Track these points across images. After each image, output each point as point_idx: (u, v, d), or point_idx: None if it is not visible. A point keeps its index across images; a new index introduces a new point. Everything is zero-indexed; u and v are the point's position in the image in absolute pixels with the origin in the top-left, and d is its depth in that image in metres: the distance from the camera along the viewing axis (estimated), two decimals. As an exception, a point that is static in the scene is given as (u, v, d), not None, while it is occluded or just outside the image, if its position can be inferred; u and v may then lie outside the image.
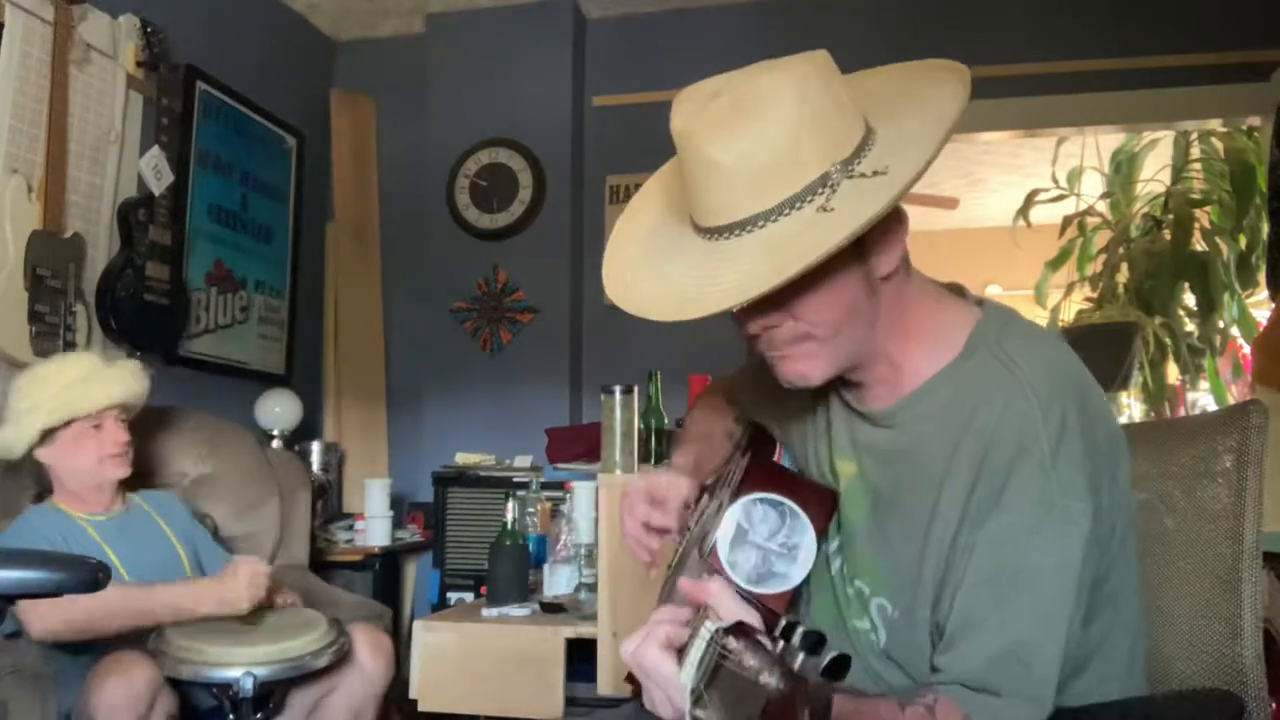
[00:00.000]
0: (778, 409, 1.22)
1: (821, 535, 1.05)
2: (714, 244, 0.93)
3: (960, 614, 0.93)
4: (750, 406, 1.32)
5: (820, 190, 0.89)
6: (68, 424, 2.04)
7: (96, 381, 2.09)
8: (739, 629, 0.68)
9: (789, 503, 1.03)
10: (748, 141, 0.89)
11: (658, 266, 1.00)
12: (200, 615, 1.90)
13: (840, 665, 0.64)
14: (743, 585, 0.96)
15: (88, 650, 1.91)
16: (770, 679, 0.63)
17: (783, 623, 0.66)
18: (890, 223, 0.94)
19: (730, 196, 0.91)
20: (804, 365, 0.98)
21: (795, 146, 0.89)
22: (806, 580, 1.04)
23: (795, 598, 1.04)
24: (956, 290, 1.07)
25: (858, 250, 0.91)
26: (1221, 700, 1.13)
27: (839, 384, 1.07)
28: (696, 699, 0.70)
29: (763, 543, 1.01)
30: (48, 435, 2.04)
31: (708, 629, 0.72)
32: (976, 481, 0.94)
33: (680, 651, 0.76)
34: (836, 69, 0.96)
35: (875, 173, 0.89)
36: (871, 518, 1.04)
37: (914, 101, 0.97)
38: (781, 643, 0.65)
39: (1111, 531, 0.98)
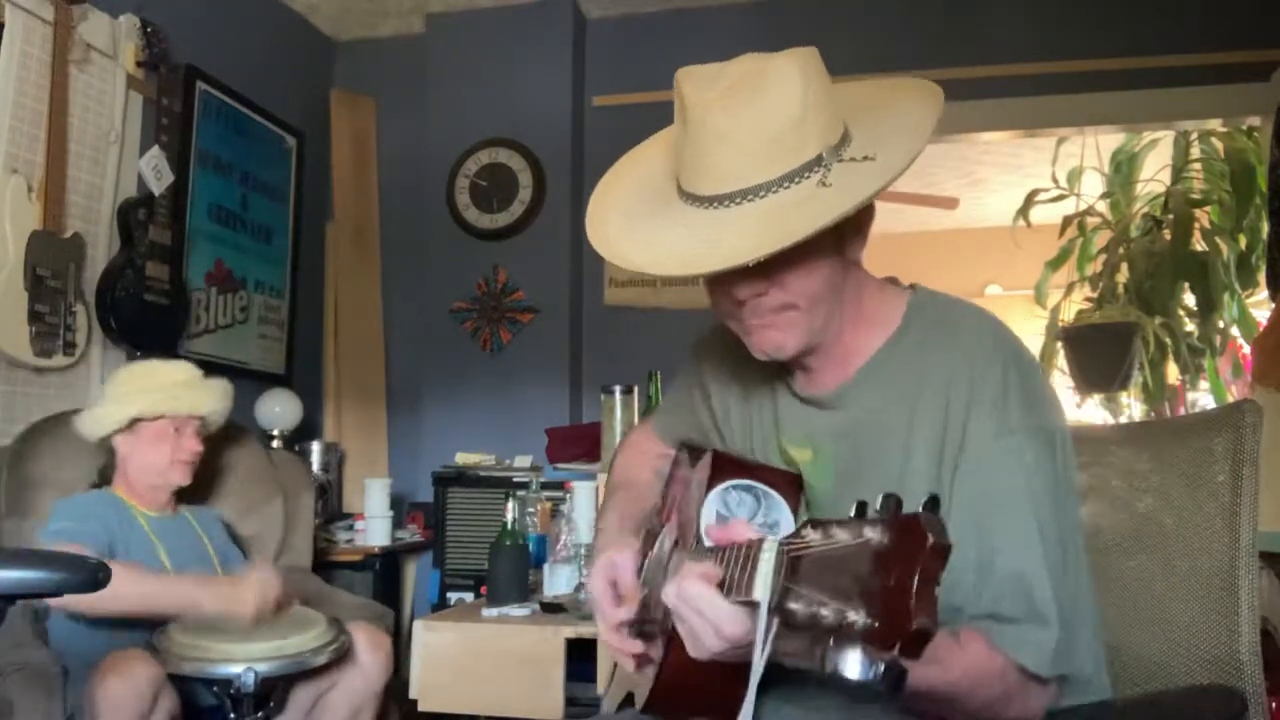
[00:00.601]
0: (714, 418, 1.27)
1: (795, 513, 1.09)
2: (710, 211, 0.97)
3: (956, 558, 0.95)
4: (679, 427, 1.35)
5: (815, 169, 0.95)
6: (157, 419, 2.13)
7: (198, 390, 2.22)
8: (812, 524, 0.70)
9: (760, 485, 1.07)
10: (759, 113, 0.94)
11: (646, 228, 1.04)
12: (205, 613, 1.92)
13: (935, 500, 0.66)
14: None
15: (103, 641, 1.92)
16: (873, 534, 0.64)
17: (852, 509, 0.68)
18: (864, 212, 1.01)
19: (736, 165, 0.95)
20: (781, 335, 1.03)
21: (800, 123, 0.94)
22: None
23: None
24: (892, 280, 1.15)
25: (837, 232, 0.97)
26: (1226, 696, 1.14)
27: (785, 374, 1.14)
28: (778, 607, 0.71)
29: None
30: (134, 424, 2.13)
31: (770, 543, 0.74)
32: (944, 434, 1.01)
33: (721, 586, 0.79)
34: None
35: (865, 158, 0.95)
36: (838, 495, 1.08)
37: (886, 112, 1.03)
38: (855, 518, 0.67)
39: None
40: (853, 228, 1.02)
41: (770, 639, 0.73)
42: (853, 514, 0.68)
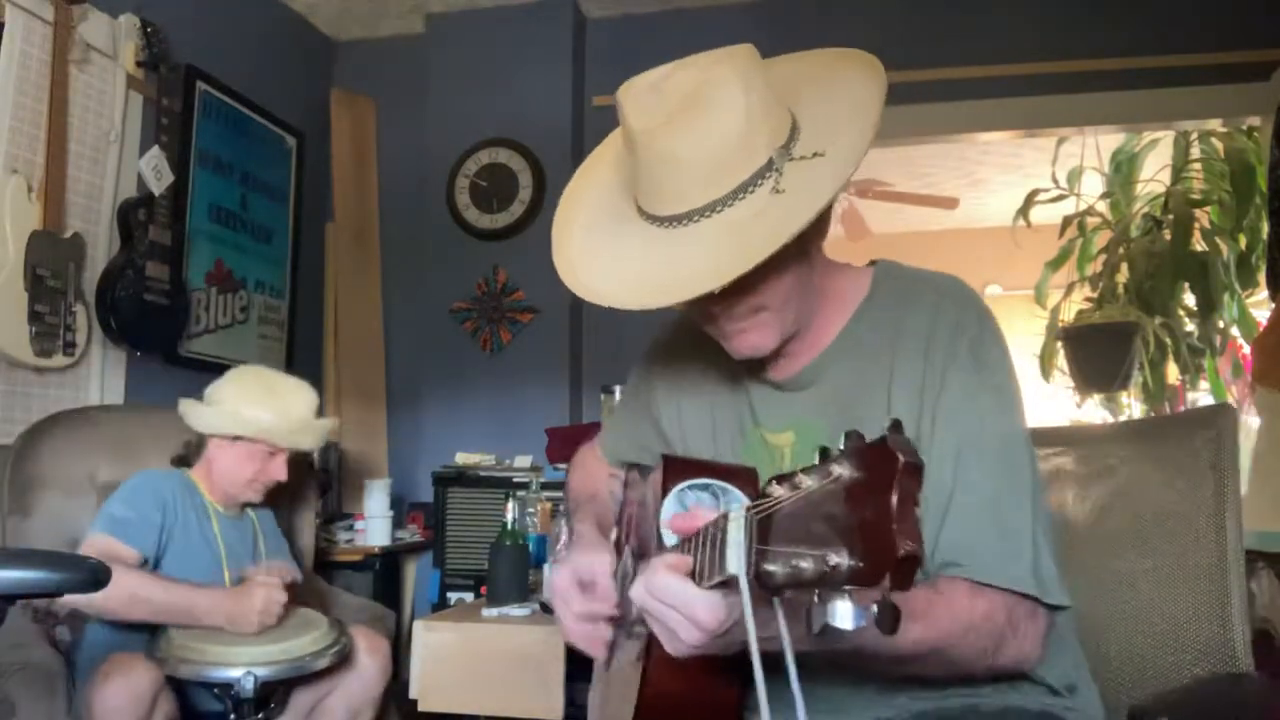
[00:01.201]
0: (665, 427, 1.26)
1: None
2: (669, 231, 0.97)
3: (933, 493, 0.98)
4: (622, 447, 1.36)
5: (767, 174, 0.94)
6: (259, 441, 2.14)
7: (311, 429, 2.22)
8: (776, 480, 0.67)
9: (716, 482, 1.06)
10: (703, 134, 0.93)
11: (609, 251, 1.04)
12: (208, 625, 1.91)
13: (898, 424, 0.63)
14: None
15: (106, 644, 1.92)
16: (842, 470, 0.61)
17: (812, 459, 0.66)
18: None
19: (688, 186, 0.95)
20: (757, 336, 1.04)
21: (746, 134, 0.94)
22: None
23: None
24: (831, 260, 1.16)
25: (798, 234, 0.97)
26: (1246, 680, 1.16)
27: (755, 367, 1.14)
28: (756, 575, 0.67)
29: None
30: (238, 437, 2.14)
31: (736, 513, 0.71)
32: (923, 381, 1.02)
33: (692, 576, 0.77)
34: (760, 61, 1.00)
35: (815, 154, 0.94)
36: None
37: (830, 92, 1.01)
38: (820, 462, 0.64)
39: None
40: (812, 226, 1.01)
41: (761, 613, 0.70)
42: (816, 461, 0.65)
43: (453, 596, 3.21)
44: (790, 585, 0.64)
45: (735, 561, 0.70)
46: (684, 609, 0.77)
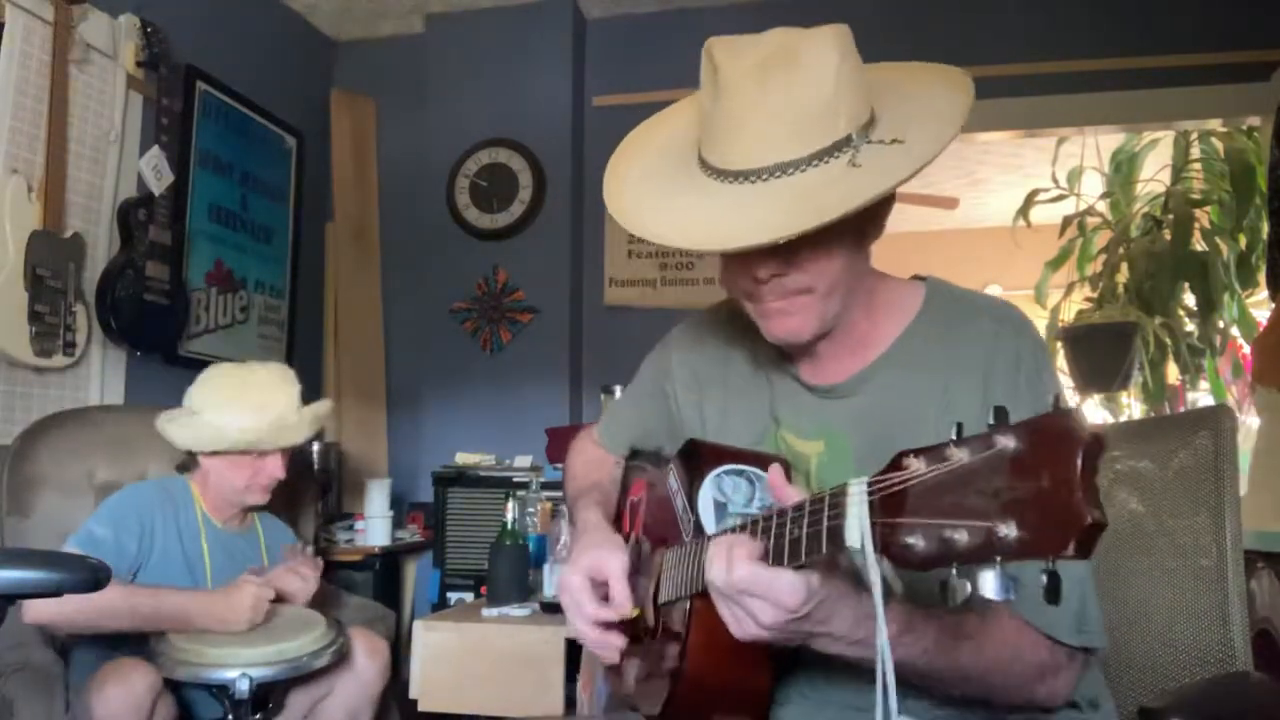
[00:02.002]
0: (681, 417, 1.23)
1: None
2: (736, 186, 0.95)
3: None
4: (627, 433, 1.33)
5: (844, 148, 0.93)
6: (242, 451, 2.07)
7: (297, 424, 2.11)
8: (909, 454, 0.66)
9: (750, 469, 1.05)
10: (794, 88, 0.92)
11: (665, 198, 1.02)
12: (197, 628, 1.90)
13: (1004, 411, 0.62)
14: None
15: (103, 645, 1.92)
16: (1009, 441, 0.60)
17: (953, 431, 0.65)
18: (884, 203, 0.99)
19: (768, 139, 0.93)
20: (798, 320, 1.01)
21: (835, 100, 0.93)
22: None
23: None
24: (882, 272, 1.13)
25: (859, 220, 0.95)
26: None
27: (785, 365, 1.11)
28: (883, 549, 0.67)
29: (743, 509, 1.02)
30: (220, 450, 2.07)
31: (856, 486, 0.70)
32: (984, 406, 0.98)
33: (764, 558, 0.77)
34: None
35: (894, 141, 0.93)
36: None
37: (914, 97, 1.00)
38: (971, 437, 0.63)
39: None
40: (872, 216, 1.00)
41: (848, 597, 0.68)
42: (954, 436, 0.64)
43: (453, 596, 3.21)
44: (935, 560, 0.63)
45: (855, 535, 0.69)
46: (767, 593, 0.78)
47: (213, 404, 2.08)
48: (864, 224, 0.99)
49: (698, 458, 1.07)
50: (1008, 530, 0.59)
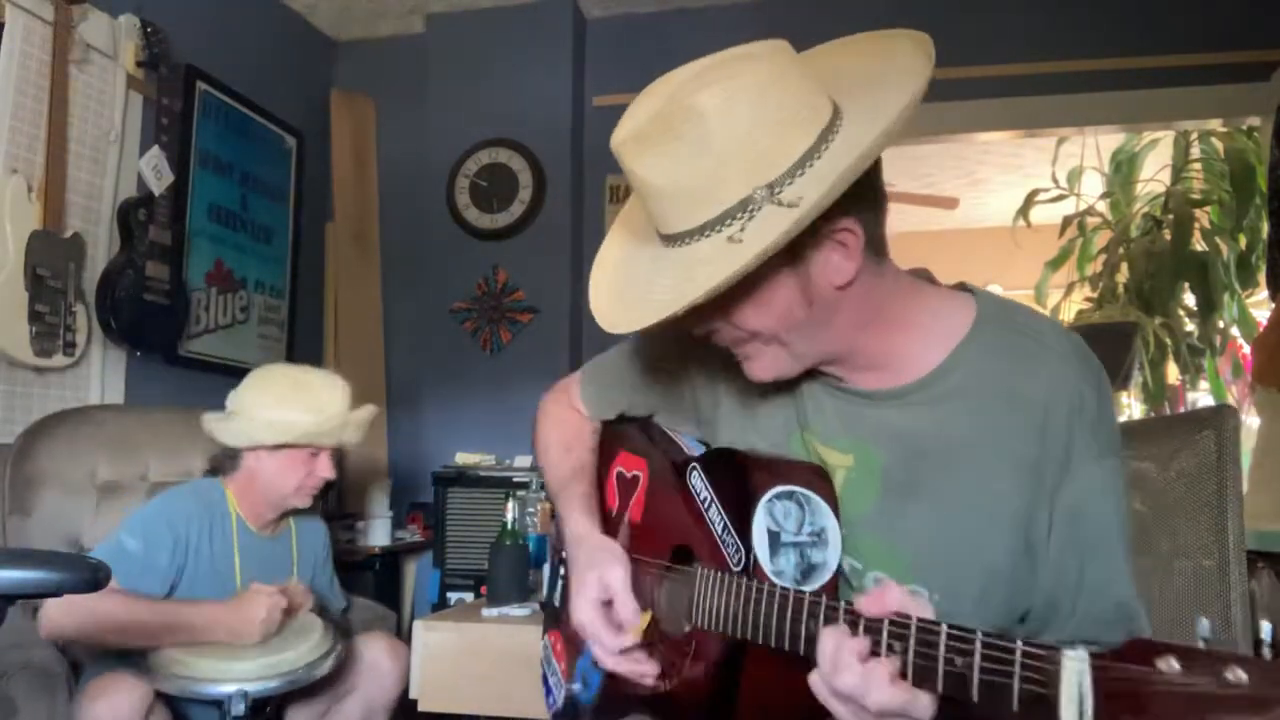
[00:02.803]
0: (706, 407, 1.16)
1: (835, 513, 1.00)
2: (665, 250, 0.95)
3: (1056, 583, 0.96)
4: (633, 402, 1.26)
5: (739, 215, 0.88)
6: (302, 447, 2.04)
7: (350, 424, 2.10)
8: (1171, 655, 0.57)
9: (799, 489, 0.99)
10: (671, 163, 0.90)
11: (624, 269, 1.02)
12: (208, 640, 1.86)
13: None
14: (794, 588, 0.90)
15: (101, 661, 1.90)
16: (1238, 677, 0.53)
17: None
18: (829, 240, 0.91)
19: (663, 211, 0.93)
20: (766, 362, 0.98)
21: (716, 170, 0.88)
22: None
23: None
24: (926, 277, 1.07)
25: (791, 262, 0.91)
26: None
27: (819, 372, 1.04)
28: None
29: (794, 538, 0.97)
30: (277, 447, 2.03)
31: (1075, 661, 0.62)
32: (1041, 453, 0.96)
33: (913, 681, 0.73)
34: (792, 60, 0.94)
35: (791, 204, 0.86)
36: (881, 504, 1.00)
37: (879, 73, 0.98)
38: (1205, 650, 0.56)
39: None
40: (814, 258, 0.92)
41: None
42: (1204, 634, 0.61)
43: (453, 596, 3.21)
44: None
45: (1070, 712, 0.62)
46: (907, 711, 0.76)
47: (265, 403, 2.03)
48: (805, 268, 0.92)
49: (736, 471, 1.00)
50: None
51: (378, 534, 3.25)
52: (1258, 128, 3.32)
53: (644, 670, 1.05)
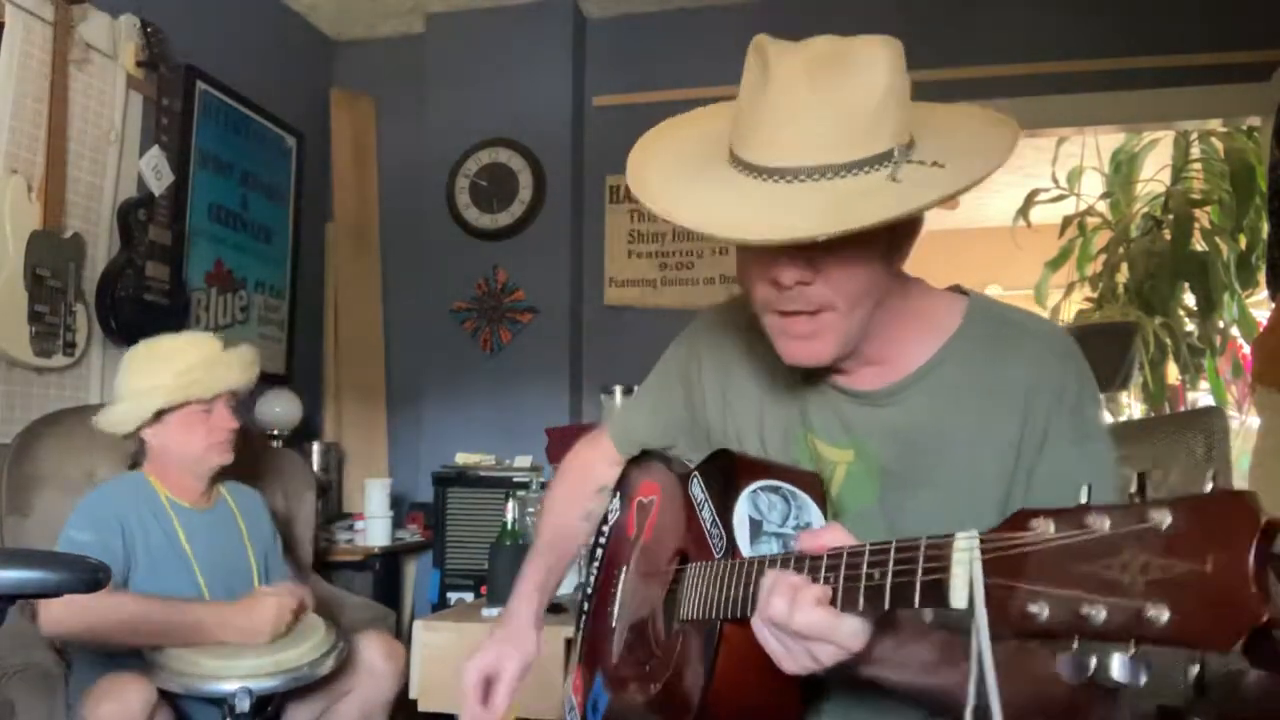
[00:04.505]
0: (706, 412, 1.20)
1: (823, 512, 1.02)
2: (769, 185, 0.92)
3: None
4: (642, 431, 1.31)
5: (886, 163, 0.90)
6: (182, 405, 2.01)
7: (220, 365, 2.06)
8: (1045, 514, 0.61)
9: (785, 485, 1.01)
10: (845, 92, 0.90)
11: (689, 188, 0.98)
12: (218, 641, 1.86)
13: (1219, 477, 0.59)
14: (759, 556, 0.92)
15: (100, 660, 1.90)
16: (1164, 516, 0.55)
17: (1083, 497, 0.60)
18: (915, 222, 0.98)
19: (811, 140, 0.90)
20: (817, 345, 0.98)
21: (881, 110, 0.90)
22: None
23: None
24: (922, 281, 1.10)
25: (890, 237, 0.94)
26: None
27: (821, 373, 1.07)
28: (1008, 613, 0.62)
29: (778, 529, 0.99)
30: (160, 415, 2.01)
31: (966, 543, 0.66)
32: (1022, 436, 0.98)
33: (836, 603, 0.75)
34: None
35: (934, 164, 0.91)
36: (882, 498, 1.04)
37: (955, 132, 0.98)
38: (1113, 505, 0.58)
39: None
40: (901, 241, 0.99)
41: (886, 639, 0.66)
42: (1085, 500, 0.60)
43: (453, 596, 3.21)
44: (1063, 632, 0.59)
45: (960, 596, 0.65)
46: (832, 637, 0.77)
47: (130, 380, 2.03)
48: (892, 247, 0.97)
49: (730, 469, 1.02)
50: (1158, 613, 0.54)
51: (377, 534, 3.25)
52: (1258, 128, 3.32)
53: None
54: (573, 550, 1.33)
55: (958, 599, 0.66)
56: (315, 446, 3.48)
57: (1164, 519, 0.55)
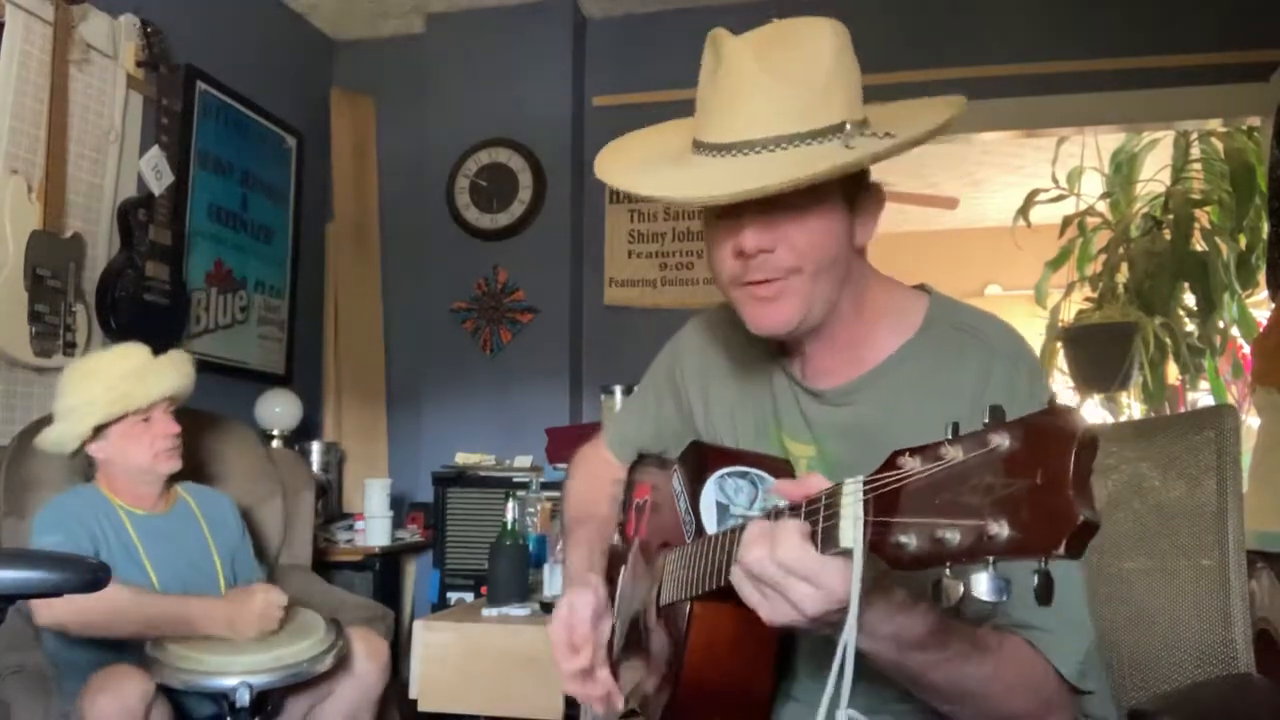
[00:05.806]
0: (689, 415, 1.25)
1: None
2: (730, 159, 0.96)
3: None
4: (637, 438, 1.34)
5: (838, 134, 0.94)
6: (120, 418, 2.04)
7: (150, 374, 2.08)
8: (910, 452, 0.65)
9: (754, 470, 1.04)
10: (793, 65, 0.95)
11: (657, 173, 1.03)
12: (205, 634, 1.89)
13: (1058, 400, 0.61)
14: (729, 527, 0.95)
15: (95, 650, 1.91)
16: (1002, 439, 0.59)
17: (948, 430, 0.63)
18: (873, 200, 1.03)
19: (766, 112, 0.94)
20: (783, 308, 1.00)
21: (830, 81, 0.95)
22: None
23: None
24: (890, 277, 1.13)
25: (848, 206, 1.00)
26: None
27: (786, 365, 1.12)
28: (878, 548, 0.65)
29: (745, 512, 1.02)
30: (100, 430, 2.04)
31: (851, 485, 0.69)
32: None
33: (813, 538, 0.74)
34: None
35: (886, 134, 0.94)
36: None
37: (904, 113, 1.02)
38: (966, 434, 0.62)
39: None
40: (864, 208, 1.02)
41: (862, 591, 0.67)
42: (949, 435, 0.63)
43: (453, 596, 3.21)
44: (927, 559, 0.62)
45: (849, 536, 0.68)
46: (817, 578, 0.74)
47: (66, 399, 2.05)
48: (854, 216, 1.02)
49: (701, 459, 1.06)
50: (999, 529, 0.58)
51: (377, 534, 3.25)
52: (1258, 128, 3.32)
53: (593, 693, 1.10)
54: (608, 531, 1.32)
55: (845, 539, 0.69)
56: (315, 446, 3.48)
57: (1003, 441, 0.59)
